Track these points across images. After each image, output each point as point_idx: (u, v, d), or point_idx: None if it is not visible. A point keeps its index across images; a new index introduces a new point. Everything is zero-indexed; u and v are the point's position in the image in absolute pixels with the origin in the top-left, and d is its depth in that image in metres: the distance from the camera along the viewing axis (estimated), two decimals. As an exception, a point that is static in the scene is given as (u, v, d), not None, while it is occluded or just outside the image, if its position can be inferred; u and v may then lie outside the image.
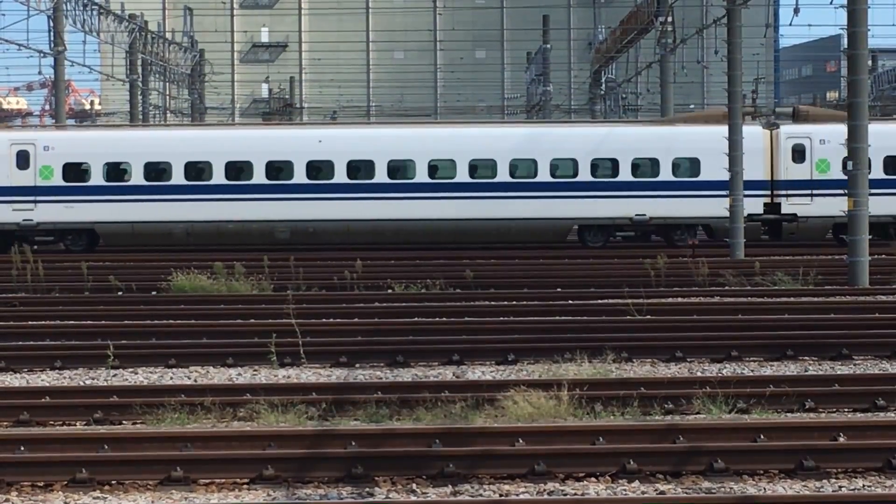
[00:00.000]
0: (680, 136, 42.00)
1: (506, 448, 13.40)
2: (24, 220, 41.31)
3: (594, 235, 41.84)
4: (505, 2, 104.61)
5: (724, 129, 37.89)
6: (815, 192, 40.95)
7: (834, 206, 39.50)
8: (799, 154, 41.22)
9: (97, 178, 41.40)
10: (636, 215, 41.22)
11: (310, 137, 42.17)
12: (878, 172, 40.40)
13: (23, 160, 41.33)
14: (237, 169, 41.44)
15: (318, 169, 41.50)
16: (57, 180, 41.27)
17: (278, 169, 41.48)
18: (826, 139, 40.85)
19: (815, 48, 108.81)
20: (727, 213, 37.16)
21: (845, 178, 30.64)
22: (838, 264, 31.87)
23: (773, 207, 41.46)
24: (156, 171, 41.52)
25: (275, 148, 41.75)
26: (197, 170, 41.56)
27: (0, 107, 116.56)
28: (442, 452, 13.13)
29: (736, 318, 23.33)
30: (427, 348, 20.08)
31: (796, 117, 42.87)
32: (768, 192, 41.26)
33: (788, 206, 41.28)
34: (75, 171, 41.56)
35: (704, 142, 41.09)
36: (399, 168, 41.53)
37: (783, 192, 41.28)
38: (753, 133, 40.92)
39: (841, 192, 37.87)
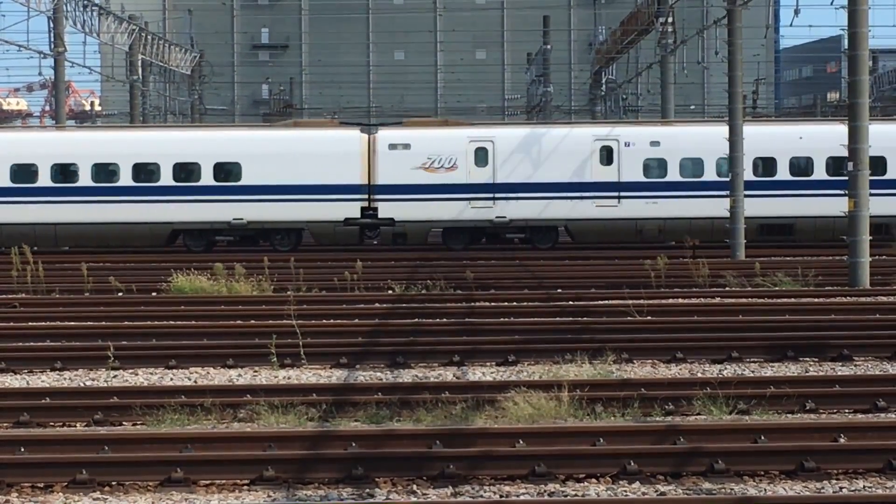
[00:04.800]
0: None
1: (506, 449, 13.39)
2: None
3: None
4: (505, 2, 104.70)
5: None
6: None
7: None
8: None
9: None
10: None
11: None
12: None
13: None
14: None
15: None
16: None
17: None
18: None
19: (816, 49, 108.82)
20: None
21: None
22: (839, 265, 31.87)
23: None
24: None
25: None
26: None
27: (0, 108, 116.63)
28: (442, 453, 13.12)
29: (736, 318, 23.32)
30: (427, 349, 20.06)
31: None
32: None
33: None
34: None
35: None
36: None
37: None
38: None
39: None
